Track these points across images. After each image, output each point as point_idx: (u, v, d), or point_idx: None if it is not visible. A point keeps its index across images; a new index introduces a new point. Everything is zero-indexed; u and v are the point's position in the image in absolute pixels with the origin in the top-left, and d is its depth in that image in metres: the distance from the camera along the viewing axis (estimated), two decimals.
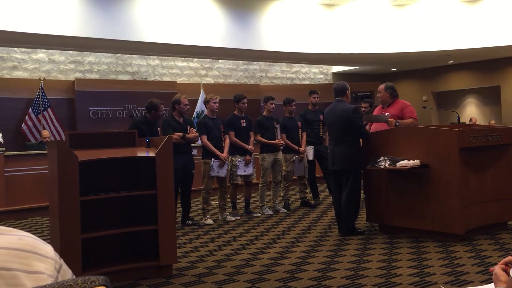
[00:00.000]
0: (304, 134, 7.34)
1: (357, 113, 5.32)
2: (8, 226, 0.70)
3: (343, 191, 5.34)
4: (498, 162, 5.13)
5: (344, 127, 5.29)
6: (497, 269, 1.26)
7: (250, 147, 6.80)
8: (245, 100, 6.87)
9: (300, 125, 7.28)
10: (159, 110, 6.17)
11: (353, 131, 5.30)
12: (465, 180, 4.79)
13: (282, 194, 7.32)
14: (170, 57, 11.70)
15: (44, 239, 0.74)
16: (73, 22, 8.37)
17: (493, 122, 12.42)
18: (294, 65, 13.83)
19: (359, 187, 5.44)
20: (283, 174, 7.30)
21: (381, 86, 5.81)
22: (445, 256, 4.27)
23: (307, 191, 7.56)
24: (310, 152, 7.35)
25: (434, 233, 4.89)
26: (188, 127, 6.36)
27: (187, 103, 6.35)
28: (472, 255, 4.28)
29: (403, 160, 4.91)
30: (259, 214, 6.91)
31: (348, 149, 5.28)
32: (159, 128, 6.39)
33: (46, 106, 9.40)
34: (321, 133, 7.54)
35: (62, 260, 0.72)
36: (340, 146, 5.33)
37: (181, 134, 6.18)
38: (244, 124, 6.85)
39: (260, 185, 7.11)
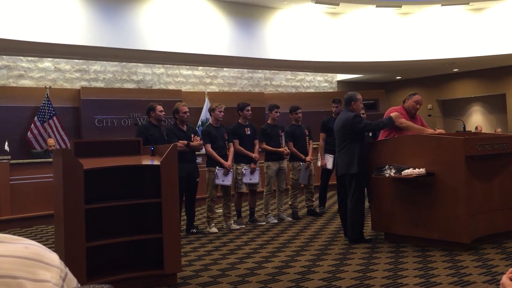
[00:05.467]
0: (311, 142, 7.32)
1: (356, 118, 5.40)
2: (13, 234, 0.70)
3: (348, 197, 5.39)
4: (505, 170, 5.10)
5: (346, 133, 5.39)
6: (505, 279, 1.24)
7: (255, 155, 6.80)
8: (249, 108, 6.88)
9: (307, 133, 7.27)
10: (156, 110, 6.23)
11: (354, 137, 5.36)
12: (471, 188, 4.76)
13: (290, 203, 7.30)
14: (175, 66, 11.76)
15: (49, 247, 0.74)
16: (79, 31, 8.44)
17: (499, 130, 12.37)
18: (299, 73, 13.86)
19: (363, 192, 5.47)
20: (290, 182, 7.29)
21: (422, 99, 5.82)
22: (451, 265, 4.24)
23: (314, 199, 7.54)
24: (329, 161, 7.25)
25: (440, 242, 4.86)
26: (192, 135, 6.37)
27: (186, 110, 6.36)
28: (478, 264, 4.24)
29: (408, 168, 4.89)
30: (264, 223, 6.89)
31: (349, 155, 5.35)
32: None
33: (51, 114, 9.45)
34: None
35: (67, 268, 0.72)
36: (342, 152, 5.42)
37: (185, 142, 6.19)
38: (249, 132, 6.85)
39: (264, 193, 7.09)
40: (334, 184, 7.87)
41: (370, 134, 6.76)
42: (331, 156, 7.26)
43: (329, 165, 7.29)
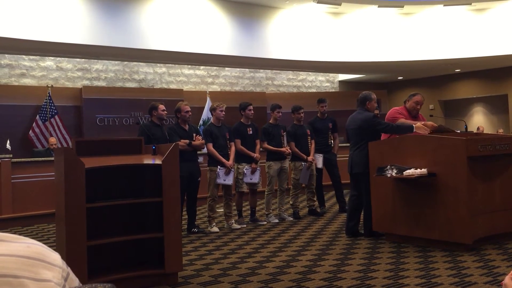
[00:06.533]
0: (313, 142, 7.34)
1: (376, 118, 5.63)
2: (15, 232, 0.70)
3: (364, 193, 5.54)
4: (506, 171, 5.09)
5: (363, 133, 5.54)
6: (507, 280, 1.24)
7: (256, 155, 6.79)
8: (251, 107, 6.88)
9: (309, 133, 7.28)
10: (159, 109, 6.24)
11: (372, 137, 5.51)
12: (473, 189, 4.75)
13: (291, 202, 7.30)
14: (176, 65, 11.77)
15: (50, 246, 0.74)
16: (81, 30, 8.44)
17: (501, 130, 12.37)
18: (301, 73, 13.86)
19: None
20: (292, 182, 7.29)
21: (422, 99, 5.82)
22: (452, 266, 4.23)
23: (315, 199, 7.54)
24: (319, 160, 7.33)
25: (442, 242, 4.85)
26: (194, 134, 6.38)
27: (188, 109, 6.36)
28: (480, 265, 4.24)
29: (410, 168, 4.88)
30: (265, 222, 6.89)
31: (365, 154, 5.50)
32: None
33: (53, 113, 9.46)
34: (330, 141, 7.54)
35: (69, 268, 0.72)
36: (358, 151, 5.58)
37: (187, 141, 6.19)
38: (251, 132, 6.85)
39: (266, 193, 7.09)
40: (329, 184, 7.89)
41: None
42: (320, 155, 7.34)
43: (319, 165, 7.33)
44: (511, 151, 5.07)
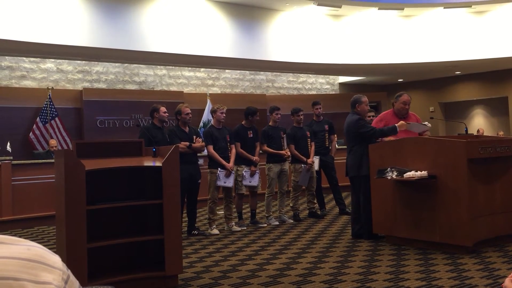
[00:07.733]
0: (313, 144, 7.34)
1: (360, 122, 5.56)
2: (15, 235, 0.70)
3: (360, 196, 5.56)
4: (507, 173, 5.09)
5: (352, 136, 5.59)
6: (507, 282, 1.24)
7: (256, 158, 6.80)
8: (257, 113, 6.93)
9: (309, 135, 7.28)
10: (160, 111, 6.25)
11: (361, 139, 5.50)
12: (473, 191, 4.75)
13: (291, 205, 7.30)
14: (177, 67, 11.77)
15: (50, 248, 0.74)
16: (81, 32, 8.45)
17: (501, 133, 12.36)
18: (301, 75, 13.87)
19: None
20: (292, 184, 7.29)
21: (409, 98, 5.75)
22: (453, 269, 4.23)
23: (315, 201, 7.53)
24: (315, 163, 7.34)
25: (442, 245, 4.85)
26: (194, 137, 6.38)
27: (189, 111, 6.37)
28: (480, 267, 4.23)
29: (410, 171, 4.88)
30: (265, 225, 6.88)
31: (357, 157, 5.53)
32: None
33: (53, 115, 9.46)
34: (327, 143, 7.55)
35: (69, 271, 0.72)
36: (351, 154, 5.63)
37: (187, 143, 6.19)
38: (251, 135, 6.86)
39: (266, 195, 7.09)
40: (327, 186, 7.88)
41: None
42: (317, 157, 7.34)
43: (316, 166, 7.34)
44: (511, 153, 5.07)
